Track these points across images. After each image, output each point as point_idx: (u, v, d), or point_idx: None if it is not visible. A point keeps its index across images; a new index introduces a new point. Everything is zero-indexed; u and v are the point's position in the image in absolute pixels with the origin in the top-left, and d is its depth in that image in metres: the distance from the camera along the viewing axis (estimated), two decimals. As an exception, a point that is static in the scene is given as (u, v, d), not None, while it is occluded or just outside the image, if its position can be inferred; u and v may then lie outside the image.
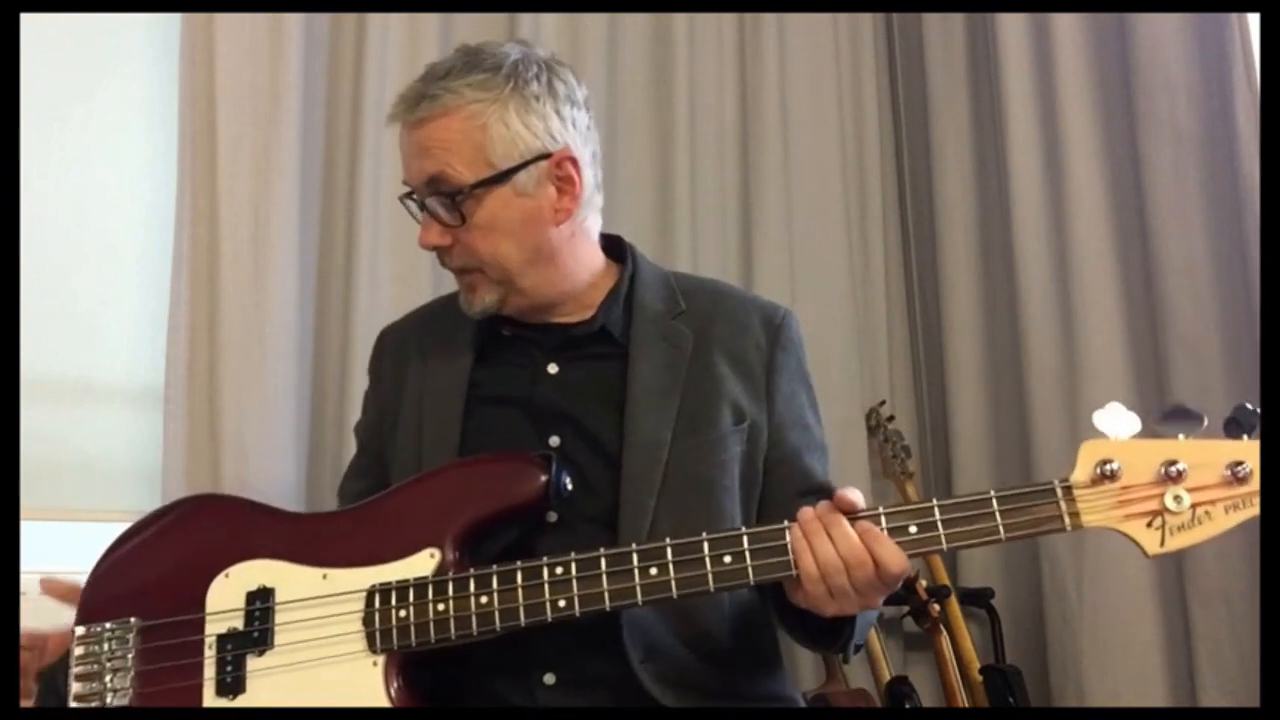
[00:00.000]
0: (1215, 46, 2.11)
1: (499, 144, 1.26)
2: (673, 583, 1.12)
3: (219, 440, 2.02)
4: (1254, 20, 2.06)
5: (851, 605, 1.10)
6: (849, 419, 2.54)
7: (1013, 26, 2.40)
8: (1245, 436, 1.03)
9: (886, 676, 2.30)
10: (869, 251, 2.68)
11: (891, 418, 2.53)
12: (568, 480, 1.23)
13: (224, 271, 2.07)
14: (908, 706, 2.23)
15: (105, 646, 1.25)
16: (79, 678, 1.25)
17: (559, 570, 1.15)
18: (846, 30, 2.74)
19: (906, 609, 2.36)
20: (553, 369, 1.35)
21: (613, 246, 1.43)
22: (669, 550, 1.13)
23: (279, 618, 1.22)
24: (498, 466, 1.27)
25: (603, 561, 1.14)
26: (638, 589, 1.12)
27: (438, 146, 1.27)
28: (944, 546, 1.10)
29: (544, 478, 1.22)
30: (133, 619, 1.26)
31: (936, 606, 2.29)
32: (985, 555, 2.45)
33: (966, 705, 2.24)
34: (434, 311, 1.50)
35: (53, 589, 1.31)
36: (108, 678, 1.24)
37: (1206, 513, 1.02)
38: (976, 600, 2.39)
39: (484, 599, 1.16)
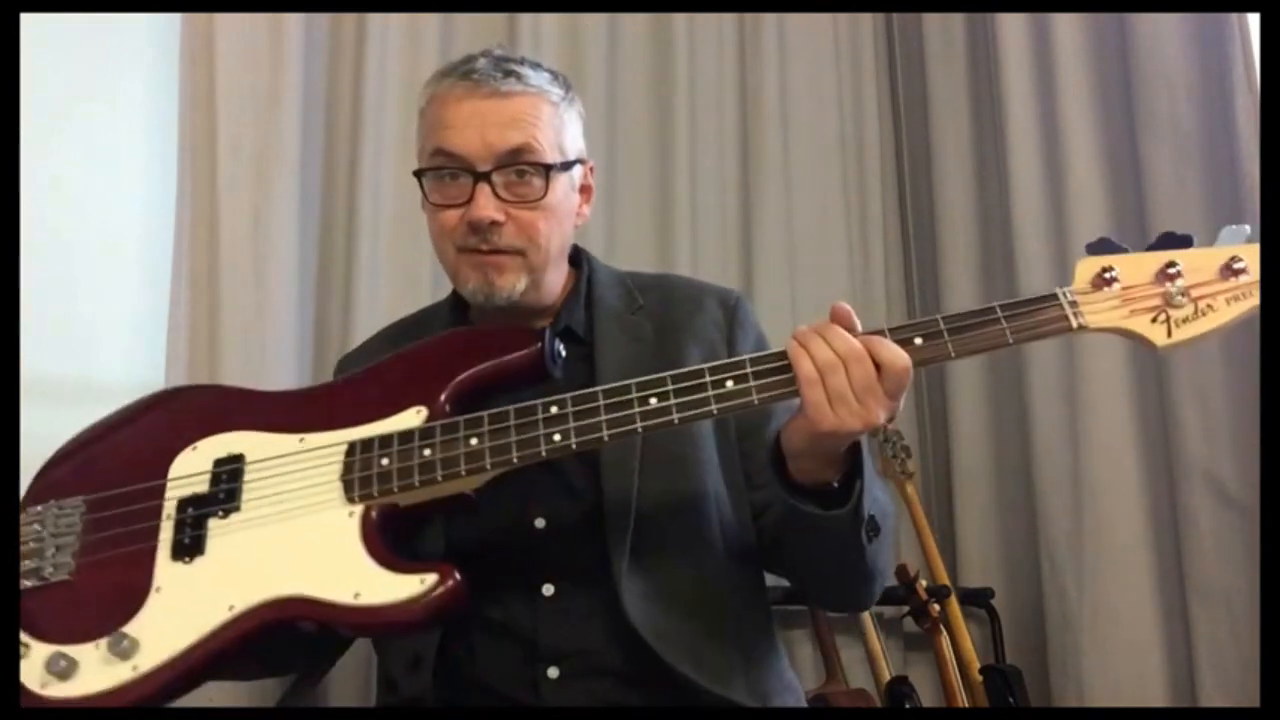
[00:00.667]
0: (1215, 46, 2.11)
1: (568, 136, 1.33)
2: (673, 408, 1.09)
3: (219, 440, 2.01)
4: (1254, 20, 2.06)
5: (853, 415, 1.07)
6: (849, 419, 2.53)
7: (1013, 26, 2.40)
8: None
9: (886, 676, 2.30)
10: (869, 251, 2.67)
11: (891, 418, 2.52)
12: (561, 347, 1.20)
13: (224, 271, 2.07)
14: (908, 706, 2.23)
15: (49, 524, 1.16)
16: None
17: (554, 409, 1.11)
18: (846, 30, 2.74)
19: (906, 609, 2.36)
20: None
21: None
22: (669, 380, 1.10)
23: (247, 478, 1.14)
24: (490, 331, 1.26)
25: (600, 395, 1.11)
26: (637, 416, 1.09)
27: (527, 121, 1.27)
28: (951, 354, 1.08)
29: (538, 343, 1.18)
30: (81, 497, 1.17)
31: (936, 606, 2.29)
32: (985, 555, 2.46)
33: (966, 705, 2.24)
34: (397, 334, 1.47)
35: None
36: (49, 553, 1.14)
37: (1209, 305, 1.04)
38: (976, 600, 2.39)
39: (474, 440, 1.10)
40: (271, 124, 2.13)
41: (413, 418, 1.14)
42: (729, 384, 1.09)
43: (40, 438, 1.99)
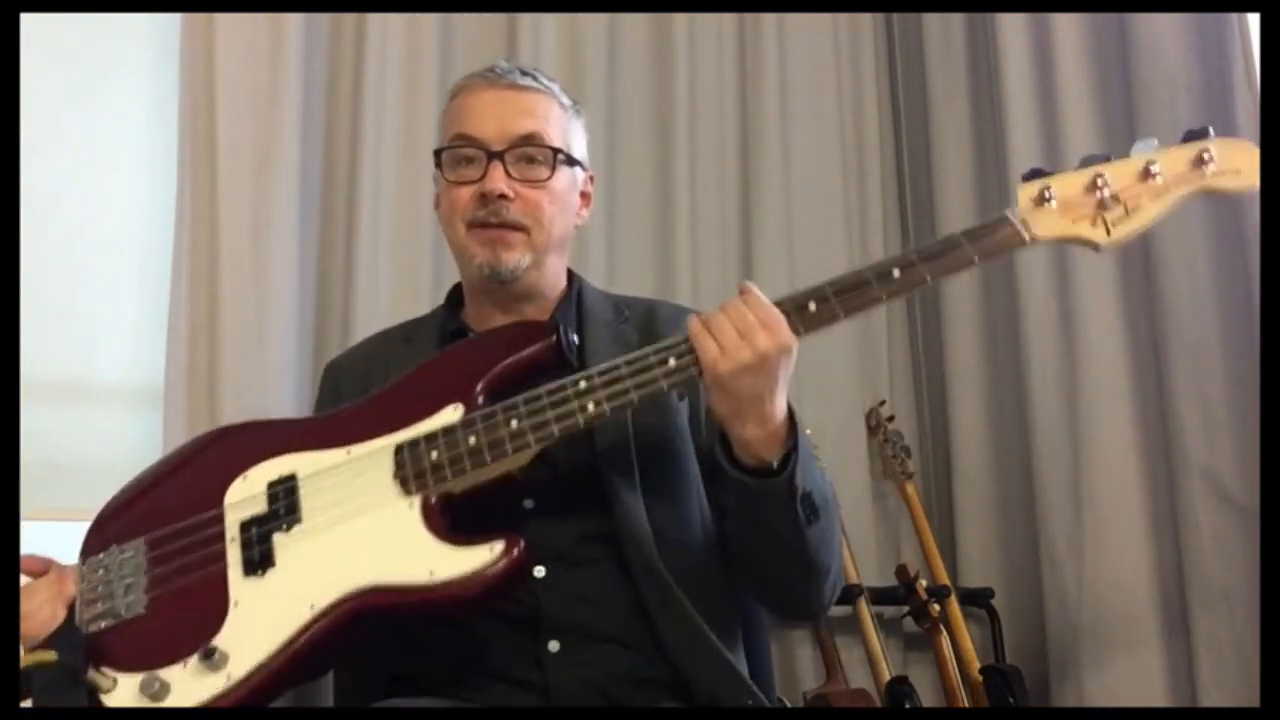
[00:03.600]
0: (1215, 46, 2.11)
1: (574, 140, 1.46)
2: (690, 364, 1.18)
3: (219, 440, 2.02)
4: (1254, 20, 2.06)
5: (740, 349, 1.15)
6: (849, 419, 2.54)
7: (1013, 26, 2.40)
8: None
9: (886, 676, 2.30)
10: (869, 252, 2.67)
11: (891, 418, 2.53)
12: (574, 336, 1.33)
13: (224, 271, 2.07)
14: (908, 706, 2.23)
15: (114, 569, 1.19)
16: (87, 603, 1.17)
17: (583, 383, 1.19)
18: (846, 30, 2.74)
19: (906, 609, 2.36)
20: None
21: None
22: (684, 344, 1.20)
23: (304, 491, 1.20)
24: (504, 329, 1.37)
25: (622, 365, 1.19)
26: (660, 376, 1.19)
27: (539, 114, 1.41)
28: (928, 281, 1.21)
29: (553, 334, 1.28)
30: (141, 538, 1.21)
31: (936, 606, 2.29)
32: (985, 555, 2.45)
33: (966, 705, 2.24)
34: (389, 340, 1.53)
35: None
36: (119, 593, 1.18)
37: (1136, 205, 1.23)
38: (976, 600, 2.39)
39: (514, 422, 1.18)
40: (271, 124, 2.13)
41: (451, 414, 1.22)
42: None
43: (40, 437, 2.00)
